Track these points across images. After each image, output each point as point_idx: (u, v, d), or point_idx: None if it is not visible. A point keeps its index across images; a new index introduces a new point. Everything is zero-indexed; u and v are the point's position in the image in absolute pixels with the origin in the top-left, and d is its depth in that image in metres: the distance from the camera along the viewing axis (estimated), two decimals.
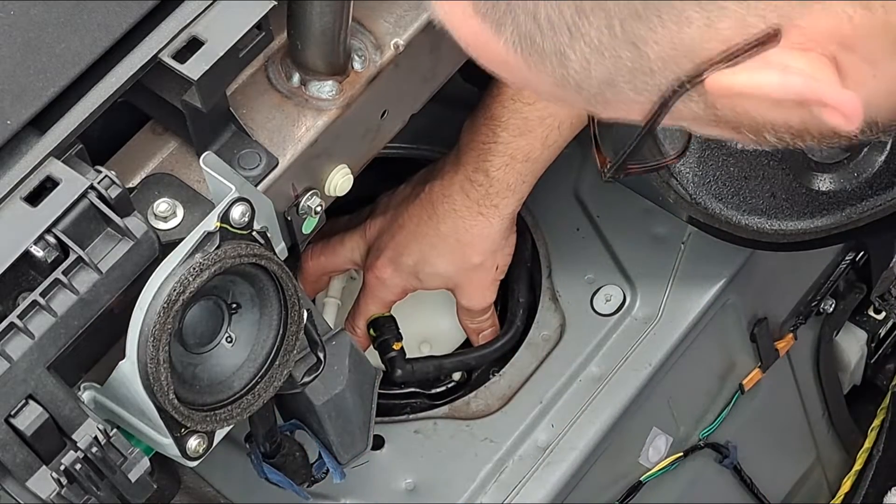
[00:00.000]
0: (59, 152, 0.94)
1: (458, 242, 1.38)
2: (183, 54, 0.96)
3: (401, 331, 1.44)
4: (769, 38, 0.73)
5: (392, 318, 1.44)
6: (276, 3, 0.98)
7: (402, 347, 1.43)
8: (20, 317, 0.90)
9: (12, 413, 0.90)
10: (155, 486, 0.95)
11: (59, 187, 0.92)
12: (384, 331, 1.43)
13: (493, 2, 0.75)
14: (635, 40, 0.74)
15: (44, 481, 0.91)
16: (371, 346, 1.44)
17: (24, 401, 0.90)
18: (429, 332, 1.50)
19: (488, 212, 1.36)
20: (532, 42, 0.75)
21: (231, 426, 1.01)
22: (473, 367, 1.46)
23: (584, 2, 0.73)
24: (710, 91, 0.75)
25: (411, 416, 1.44)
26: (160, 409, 0.94)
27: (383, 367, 1.42)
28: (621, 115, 0.81)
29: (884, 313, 1.80)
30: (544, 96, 0.82)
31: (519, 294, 1.47)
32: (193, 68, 0.96)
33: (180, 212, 1.00)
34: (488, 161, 1.34)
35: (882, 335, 1.87)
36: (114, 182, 0.92)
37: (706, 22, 0.73)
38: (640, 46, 0.74)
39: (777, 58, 0.73)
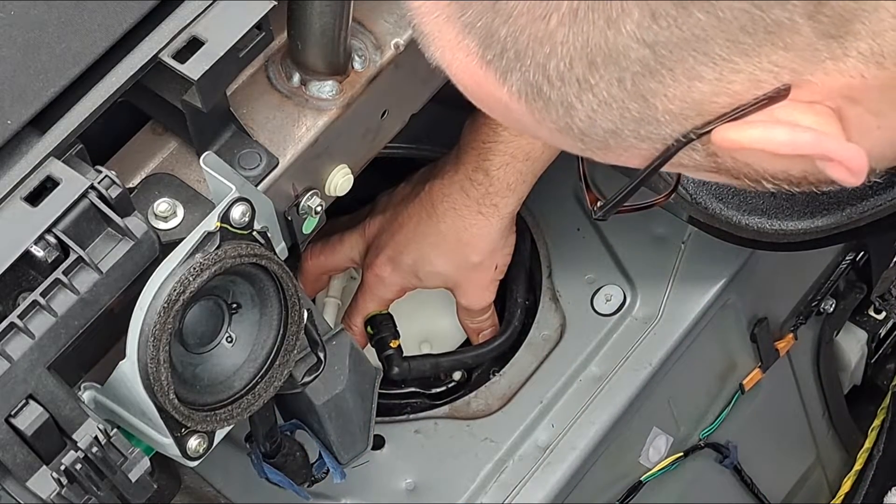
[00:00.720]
0: (59, 152, 0.93)
1: (457, 242, 1.38)
2: (183, 54, 0.96)
3: (399, 329, 1.44)
4: (779, 95, 0.73)
5: (390, 316, 1.44)
6: (276, 3, 0.98)
7: (399, 345, 1.43)
8: (20, 317, 0.90)
9: (12, 413, 0.90)
10: (155, 486, 0.95)
11: (59, 187, 0.91)
12: (382, 328, 1.43)
13: (501, 50, 0.74)
14: (645, 94, 0.73)
15: (44, 481, 0.91)
16: (369, 344, 1.44)
17: (24, 401, 0.90)
18: (429, 331, 1.50)
19: (488, 211, 1.36)
20: (539, 91, 0.75)
21: (231, 426, 1.00)
22: (470, 366, 1.46)
23: (595, 56, 0.72)
24: (716, 144, 0.75)
25: (411, 416, 1.44)
26: (160, 409, 0.94)
27: (381, 364, 1.42)
28: (620, 161, 0.81)
29: (884, 313, 1.80)
30: (543, 139, 0.82)
31: (517, 294, 1.47)
32: (193, 68, 0.96)
33: (180, 212, 1.00)
34: (488, 160, 1.34)
35: (882, 335, 1.87)
36: (114, 182, 0.92)
37: (717, 78, 0.72)
38: (649, 99, 0.74)
39: (785, 113, 0.73)
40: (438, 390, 1.46)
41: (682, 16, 0.70)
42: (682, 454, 1.54)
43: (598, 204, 0.93)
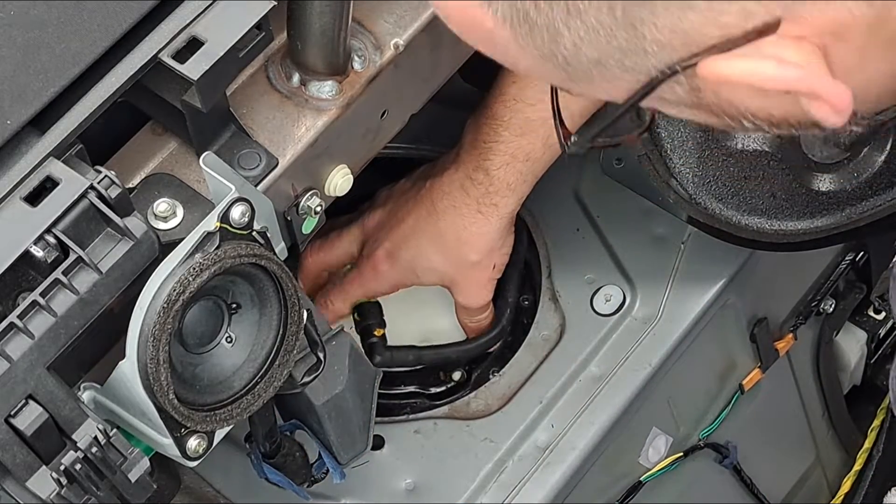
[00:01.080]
0: (59, 152, 0.93)
1: (456, 240, 1.38)
2: (183, 54, 0.96)
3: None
4: (768, 29, 0.73)
5: (378, 305, 1.44)
6: (276, 3, 0.98)
7: (383, 334, 1.43)
8: (20, 317, 0.90)
9: (12, 413, 0.90)
10: (155, 486, 0.95)
11: (59, 187, 0.91)
12: (368, 316, 1.43)
13: None
14: (634, 22, 0.73)
15: (44, 481, 0.91)
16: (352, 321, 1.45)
17: (24, 401, 0.90)
18: (428, 330, 1.50)
19: (487, 210, 1.36)
20: (525, 16, 0.74)
21: (231, 426, 1.00)
22: (454, 361, 1.46)
23: None
24: (701, 77, 0.75)
25: (411, 416, 1.44)
26: (160, 409, 0.94)
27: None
28: (600, 94, 0.80)
29: (884, 313, 1.80)
30: (523, 70, 0.80)
31: (508, 294, 1.47)
32: (193, 68, 0.96)
33: (180, 212, 1.00)
34: (489, 160, 1.34)
35: (882, 335, 1.87)
36: (114, 182, 0.92)
37: (709, 8, 0.72)
38: (638, 28, 0.73)
39: (771, 48, 0.73)
40: (438, 390, 1.46)
41: None
42: (681, 454, 1.54)
43: (572, 138, 0.92)
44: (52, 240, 0.90)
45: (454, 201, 1.37)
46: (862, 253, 1.65)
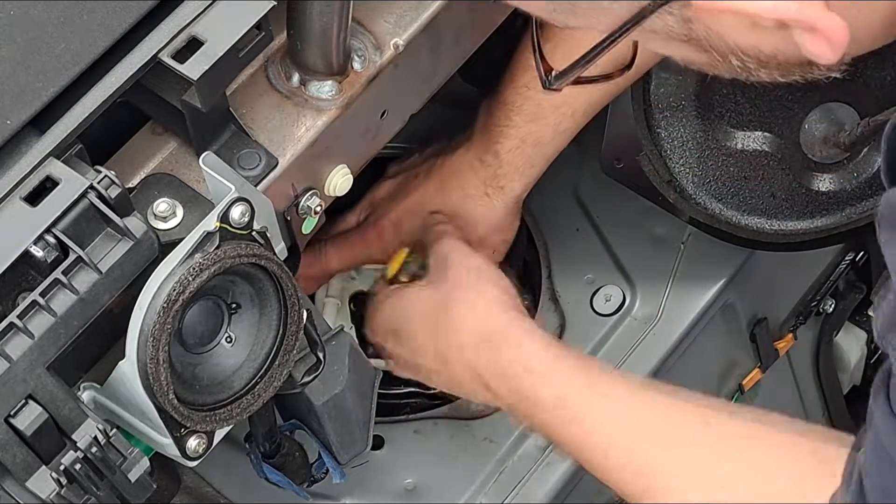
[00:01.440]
0: (58, 152, 0.93)
1: (462, 218, 1.39)
2: (183, 54, 0.96)
3: None
4: None
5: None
6: (276, 3, 0.98)
7: None
8: (20, 317, 0.89)
9: (12, 413, 0.90)
10: (155, 486, 0.95)
11: (58, 187, 0.91)
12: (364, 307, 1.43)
13: None
14: None
15: (43, 481, 0.91)
16: (351, 322, 1.45)
17: (23, 401, 0.90)
18: None
19: (494, 192, 1.38)
20: None
21: (231, 426, 1.00)
22: None
23: None
24: (696, 6, 0.73)
25: (411, 416, 1.44)
26: (160, 409, 0.94)
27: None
28: (586, 24, 0.78)
29: None
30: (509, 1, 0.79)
31: None
32: (193, 68, 0.95)
33: (180, 212, 1.00)
34: (499, 143, 1.36)
35: None
36: (114, 182, 0.92)
37: None
38: None
39: None
40: (438, 390, 1.46)
41: None
42: None
43: (554, 73, 0.91)
44: (51, 240, 0.90)
45: (463, 181, 1.39)
46: (862, 253, 1.65)
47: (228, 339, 1.00)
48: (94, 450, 0.91)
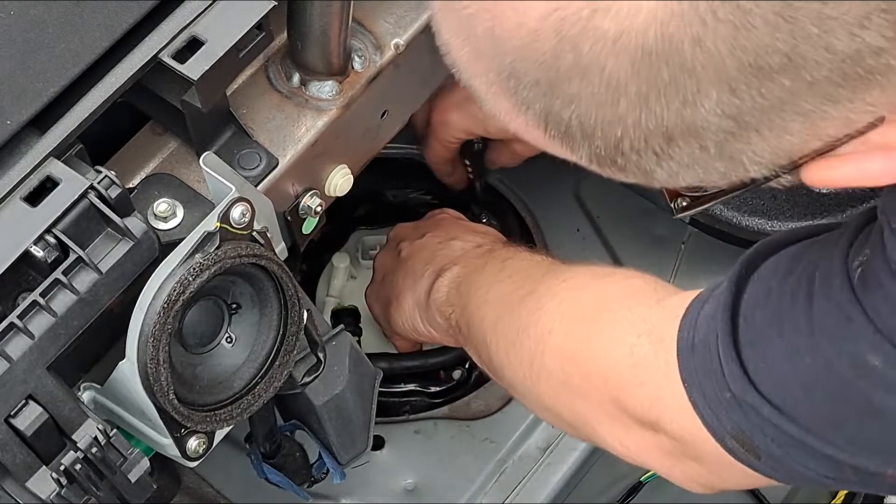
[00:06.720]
0: (59, 152, 0.93)
1: None
2: (183, 54, 0.96)
3: (361, 326, 1.47)
4: (870, 127, 0.71)
5: (355, 312, 1.45)
6: (276, 3, 0.98)
7: (357, 341, 1.43)
8: (20, 317, 0.89)
9: (12, 413, 0.90)
10: (155, 487, 0.95)
11: (59, 187, 0.91)
12: (345, 323, 1.43)
13: (566, 129, 0.72)
14: (731, 154, 0.71)
15: (43, 481, 0.91)
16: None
17: (23, 401, 0.90)
18: None
19: None
20: (612, 161, 0.73)
21: (231, 426, 1.00)
22: (425, 370, 1.46)
23: (673, 132, 0.69)
24: (807, 181, 0.74)
25: (411, 417, 1.44)
26: (160, 410, 0.94)
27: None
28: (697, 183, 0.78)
29: None
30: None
31: None
32: (193, 68, 0.95)
33: (180, 212, 1.00)
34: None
35: None
36: (114, 182, 0.92)
37: (808, 129, 0.70)
38: (736, 157, 0.71)
39: (878, 135, 0.71)
40: (438, 389, 1.46)
41: (766, 85, 0.67)
42: None
43: (683, 203, 0.90)
44: (52, 240, 0.90)
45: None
46: None
47: (229, 340, 1.00)
48: (94, 450, 0.91)
